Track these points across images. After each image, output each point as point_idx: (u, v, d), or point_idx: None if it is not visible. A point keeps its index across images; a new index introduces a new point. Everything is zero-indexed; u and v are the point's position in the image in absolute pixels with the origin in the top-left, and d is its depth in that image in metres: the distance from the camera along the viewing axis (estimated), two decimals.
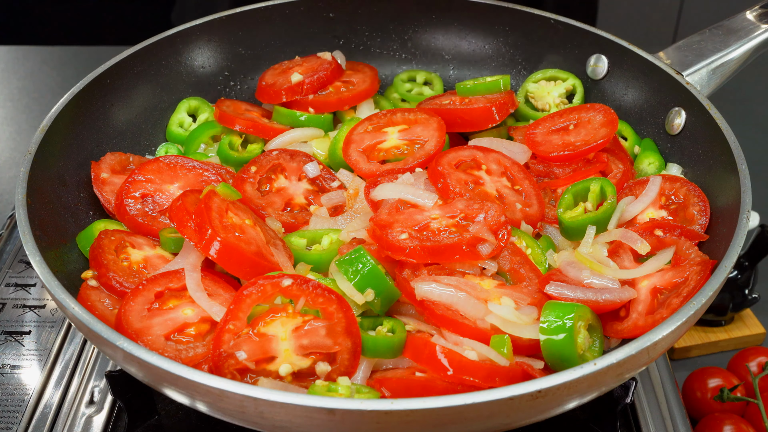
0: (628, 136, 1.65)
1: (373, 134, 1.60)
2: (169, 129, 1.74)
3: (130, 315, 1.23)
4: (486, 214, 1.32)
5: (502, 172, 1.50)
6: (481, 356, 1.17)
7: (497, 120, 1.61)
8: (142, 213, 1.45)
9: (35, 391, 1.44)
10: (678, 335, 1.13)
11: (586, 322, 1.22)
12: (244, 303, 1.18)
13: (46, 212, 1.37)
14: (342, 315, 1.19)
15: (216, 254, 1.24)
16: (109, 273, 1.31)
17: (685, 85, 1.53)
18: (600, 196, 1.44)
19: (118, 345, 1.06)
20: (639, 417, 1.41)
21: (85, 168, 1.53)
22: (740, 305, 1.72)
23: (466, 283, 1.25)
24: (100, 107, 1.61)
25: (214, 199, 1.31)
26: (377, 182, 1.45)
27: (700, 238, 1.34)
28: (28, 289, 1.64)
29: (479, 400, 0.97)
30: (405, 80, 1.88)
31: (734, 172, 1.33)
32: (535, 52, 1.82)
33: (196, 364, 1.19)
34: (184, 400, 1.11)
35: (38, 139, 1.41)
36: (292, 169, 1.57)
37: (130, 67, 1.67)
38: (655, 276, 1.29)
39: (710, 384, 1.58)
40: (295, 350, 1.16)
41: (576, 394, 1.06)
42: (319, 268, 1.36)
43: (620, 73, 1.69)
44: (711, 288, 1.14)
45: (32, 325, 1.56)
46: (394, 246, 1.28)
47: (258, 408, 1.00)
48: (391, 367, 1.23)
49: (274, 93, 1.71)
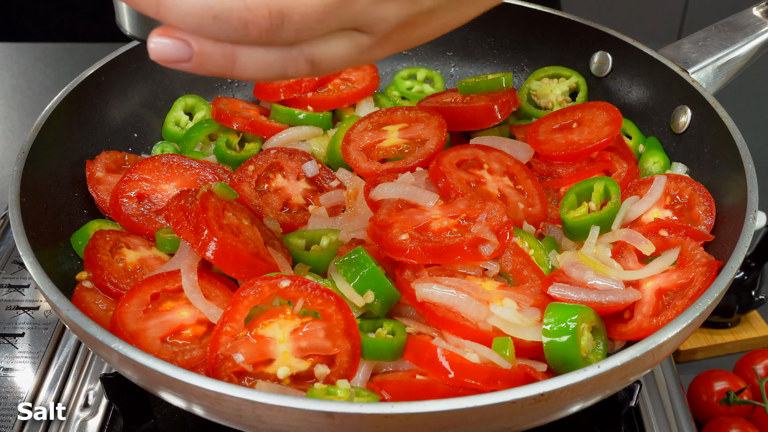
0: (632, 134, 1.65)
1: (373, 133, 1.60)
2: (166, 127, 1.73)
3: (125, 317, 1.21)
4: (488, 214, 1.32)
5: (504, 172, 1.49)
6: (483, 359, 1.16)
7: (499, 118, 1.60)
8: (137, 213, 1.44)
9: (29, 394, 1.43)
10: (683, 337, 1.12)
11: (589, 324, 1.21)
12: (242, 305, 1.17)
13: (39, 212, 1.36)
14: (341, 317, 1.18)
15: (213, 255, 1.23)
16: (104, 274, 1.31)
17: (690, 83, 1.52)
18: (604, 196, 1.43)
19: (113, 347, 1.05)
20: (644, 420, 1.40)
21: (79, 167, 1.52)
22: (747, 307, 1.71)
23: (468, 285, 1.24)
24: (94, 105, 1.60)
25: (211, 199, 1.30)
26: (377, 182, 1.44)
27: (706, 238, 1.33)
28: (21, 290, 1.63)
29: (481, 403, 0.96)
30: (405, 77, 1.87)
31: (740, 172, 1.32)
32: (537, 49, 1.81)
33: (192, 366, 1.18)
34: (180, 403, 1.10)
35: (32, 138, 1.40)
36: (291, 168, 1.56)
37: (126, 64, 1.65)
38: (660, 277, 1.28)
39: (716, 387, 1.58)
40: (293, 352, 1.15)
41: (579, 397, 1.04)
42: (317, 269, 1.35)
43: (624, 70, 1.69)
44: (717, 289, 1.13)
45: (26, 327, 1.55)
46: (394, 247, 1.27)
47: (256, 411, 0.99)
48: (392, 369, 1.22)
49: (272, 90, 1.70)
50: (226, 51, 0.87)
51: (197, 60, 0.87)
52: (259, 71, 0.90)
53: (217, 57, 0.87)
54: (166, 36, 0.86)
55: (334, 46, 0.91)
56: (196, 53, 0.87)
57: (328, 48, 0.91)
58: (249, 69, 0.89)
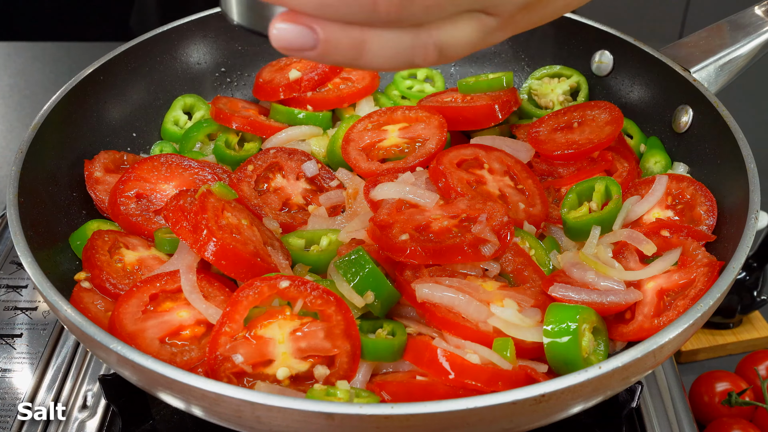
0: (633, 134, 1.64)
1: (373, 132, 1.59)
2: (164, 127, 1.72)
3: (123, 317, 1.21)
4: (488, 214, 1.31)
5: (505, 171, 1.48)
6: (484, 359, 1.16)
7: (500, 118, 1.59)
8: (136, 213, 1.43)
9: (27, 395, 1.42)
10: (685, 338, 1.12)
11: (590, 324, 1.21)
12: (241, 305, 1.17)
13: (37, 212, 1.35)
14: (341, 317, 1.17)
15: (212, 255, 1.23)
16: (102, 274, 1.30)
17: (692, 82, 1.51)
18: (605, 196, 1.43)
19: (111, 348, 1.04)
20: (645, 422, 1.40)
21: (77, 167, 1.52)
22: (749, 307, 1.71)
23: (468, 285, 1.24)
24: (93, 105, 1.59)
25: (210, 199, 1.30)
26: (377, 181, 1.44)
27: (708, 238, 1.33)
28: (19, 290, 1.62)
29: (481, 404, 0.96)
30: (405, 77, 1.87)
31: (742, 171, 1.32)
32: (538, 49, 1.81)
33: (191, 367, 1.17)
34: (179, 404, 1.09)
35: (30, 137, 1.39)
36: (290, 168, 1.56)
37: (125, 63, 1.65)
38: (662, 277, 1.27)
39: (718, 388, 1.58)
40: (293, 353, 1.15)
41: (580, 398, 1.04)
42: (317, 269, 1.35)
43: (625, 69, 1.68)
44: (719, 290, 1.13)
45: (24, 328, 1.55)
46: (394, 247, 1.27)
47: (255, 413, 0.99)
48: (392, 370, 1.22)
49: (271, 90, 1.70)
50: (353, 37, 0.83)
51: (323, 48, 0.83)
52: (389, 59, 0.85)
53: (344, 44, 0.83)
54: (290, 21, 0.82)
55: (461, 29, 0.87)
56: (321, 40, 0.82)
57: (455, 31, 0.87)
58: (378, 57, 0.85)
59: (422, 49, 0.86)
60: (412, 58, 0.86)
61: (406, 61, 0.86)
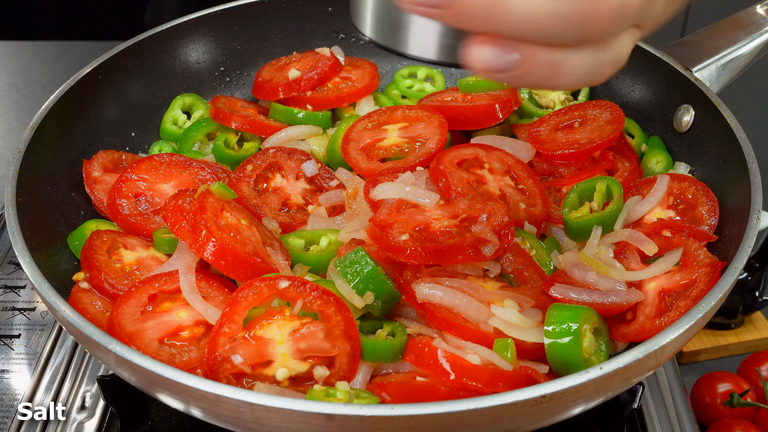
0: (634, 133, 1.64)
1: (373, 132, 1.59)
2: (163, 126, 1.72)
3: (122, 318, 1.21)
4: (489, 214, 1.31)
5: (506, 171, 1.48)
6: (484, 360, 1.16)
7: (500, 117, 1.59)
8: (135, 213, 1.43)
9: (25, 396, 1.42)
10: (686, 339, 1.11)
11: (591, 325, 1.21)
12: (240, 305, 1.17)
13: (36, 212, 1.35)
14: (341, 318, 1.17)
15: (211, 255, 1.23)
16: (101, 275, 1.30)
17: (693, 82, 1.51)
18: (606, 196, 1.42)
19: (110, 349, 1.04)
20: (646, 423, 1.39)
21: (76, 166, 1.51)
22: (750, 308, 1.71)
23: (469, 286, 1.24)
24: (91, 104, 1.59)
25: (209, 199, 1.30)
26: (377, 181, 1.43)
27: (709, 238, 1.33)
28: (17, 291, 1.62)
29: (482, 405, 0.96)
30: (405, 76, 1.86)
31: (744, 171, 1.31)
32: None
33: (190, 368, 1.17)
34: (178, 405, 1.09)
35: (28, 137, 1.39)
36: (290, 167, 1.56)
37: (123, 62, 1.65)
38: (663, 278, 1.27)
39: (720, 389, 1.58)
40: (292, 354, 1.14)
41: (582, 399, 1.04)
42: (317, 269, 1.34)
43: (627, 68, 1.64)
44: (720, 290, 1.13)
45: (22, 329, 1.55)
46: (394, 247, 1.26)
47: (254, 414, 0.99)
48: (392, 371, 1.21)
49: (270, 89, 1.70)
50: (551, 58, 0.83)
51: (523, 69, 0.82)
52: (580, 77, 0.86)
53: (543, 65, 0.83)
54: (491, 44, 0.81)
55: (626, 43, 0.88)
56: (523, 62, 0.82)
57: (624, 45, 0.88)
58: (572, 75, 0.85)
59: (606, 66, 0.88)
60: (598, 75, 0.88)
61: (593, 78, 0.88)
